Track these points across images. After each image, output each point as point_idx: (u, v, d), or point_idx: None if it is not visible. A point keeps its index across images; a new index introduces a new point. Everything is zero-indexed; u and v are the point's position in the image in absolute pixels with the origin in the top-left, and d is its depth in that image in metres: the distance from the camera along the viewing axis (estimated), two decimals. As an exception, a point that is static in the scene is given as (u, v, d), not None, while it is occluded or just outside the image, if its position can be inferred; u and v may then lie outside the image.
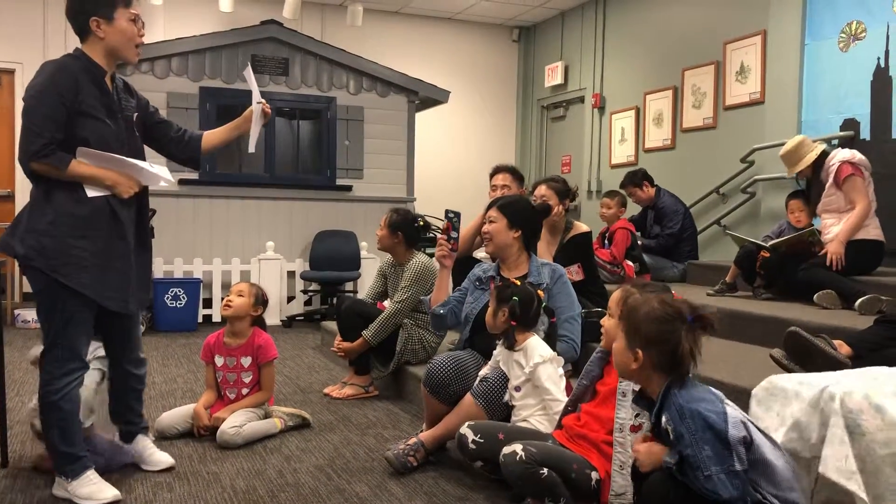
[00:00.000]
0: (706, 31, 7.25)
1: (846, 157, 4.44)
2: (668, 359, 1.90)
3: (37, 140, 2.51)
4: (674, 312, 1.92)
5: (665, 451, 1.91)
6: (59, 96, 2.54)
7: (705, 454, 1.78)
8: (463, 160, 9.83)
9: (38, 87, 2.55)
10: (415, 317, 4.28)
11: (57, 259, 2.58)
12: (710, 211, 7.07)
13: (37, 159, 2.53)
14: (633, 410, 2.29)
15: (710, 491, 1.78)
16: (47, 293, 2.62)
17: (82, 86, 2.61)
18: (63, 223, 2.59)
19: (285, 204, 7.46)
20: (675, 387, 1.89)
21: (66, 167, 2.57)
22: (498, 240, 3.32)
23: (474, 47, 10.09)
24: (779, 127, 6.16)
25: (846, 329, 3.40)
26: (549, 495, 2.36)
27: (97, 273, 2.64)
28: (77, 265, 2.59)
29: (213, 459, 3.19)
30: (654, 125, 7.98)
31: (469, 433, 2.63)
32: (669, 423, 1.84)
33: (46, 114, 2.53)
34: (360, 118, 7.72)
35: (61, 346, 2.63)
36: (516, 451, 2.39)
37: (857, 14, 5.58)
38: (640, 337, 1.93)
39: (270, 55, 7.37)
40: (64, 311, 2.62)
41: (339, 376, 4.69)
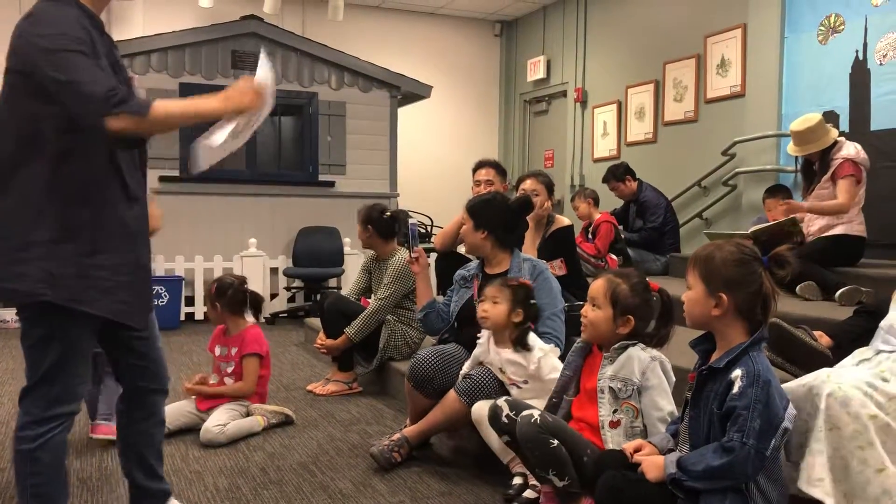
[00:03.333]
0: (687, 24, 7.27)
1: (851, 154, 4.39)
2: (752, 301, 1.89)
3: (99, 87, 1.86)
4: (751, 253, 1.91)
5: (663, 460, 1.91)
6: (84, 44, 1.92)
7: (754, 425, 1.78)
8: (446, 155, 9.82)
9: (57, 39, 1.90)
10: (398, 313, 4.28)
11: (76, 285, 1.97)
12: (692, 204, 7.10)
13: (114, 110, 1.85)
14: (612, 406, 2.29)
15: (727, 464, 1.77)
16: (46, 323, 2.01)
17: (94, 37, 1.99)
18: (70, 237, 1.97)
19: (267, 200, 7.42)
20: (756, 348, 1.88)
21: (149, 110, 1.90)
22: (468, 241, 3.33)
23: (456, 42, 10.08)
24: (759, 120, 6.19)
25: (827, 320, 3.42)
26: (555, 468, 2.29)
27: (124, 292, 2.06)
28: (94, 288, 2.00)
29: (196, 458, 3.16)
30: (635, 119, 8.00)
31: (505, 407, 2.55)
32: (743, 378, 1.81)
33: (91, 65, 1.89)
34: (342, 113, 7.69)
35: (53, 382, 2.02)
36: (533, 414, 2.35)
37: (835, 7, 5.62)
38: (721, 281, 1.90)
39: (251, 50, 7.31)
40: (65, 340, 2.02)
41: (322, 373, 4.67)
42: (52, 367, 2.01)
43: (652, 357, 2.31)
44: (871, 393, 2.07)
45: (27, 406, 2.04)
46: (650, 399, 2.27)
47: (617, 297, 2.35)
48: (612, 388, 2.30)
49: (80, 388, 2.10)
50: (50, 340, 2.00)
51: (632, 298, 2.35)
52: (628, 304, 2.34)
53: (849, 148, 4.43)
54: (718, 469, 1.79)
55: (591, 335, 2.43)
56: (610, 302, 2.35)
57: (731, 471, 1.79)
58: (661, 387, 2.28)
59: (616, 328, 2.36)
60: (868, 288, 4.03)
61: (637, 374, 2.28)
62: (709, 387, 1.92)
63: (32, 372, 2.03)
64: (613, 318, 2.35)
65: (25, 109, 1.95)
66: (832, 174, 4.43)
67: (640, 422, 2.28)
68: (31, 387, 2.04)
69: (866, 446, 1.98)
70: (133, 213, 2.08)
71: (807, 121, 4.53)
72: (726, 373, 1.87)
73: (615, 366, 2.32)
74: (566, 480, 2.30)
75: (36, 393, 2.03)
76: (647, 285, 2.41)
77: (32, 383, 2.03)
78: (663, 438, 2.10)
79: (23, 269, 1.94)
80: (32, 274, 1.93)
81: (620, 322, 2.35)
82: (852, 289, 4.02)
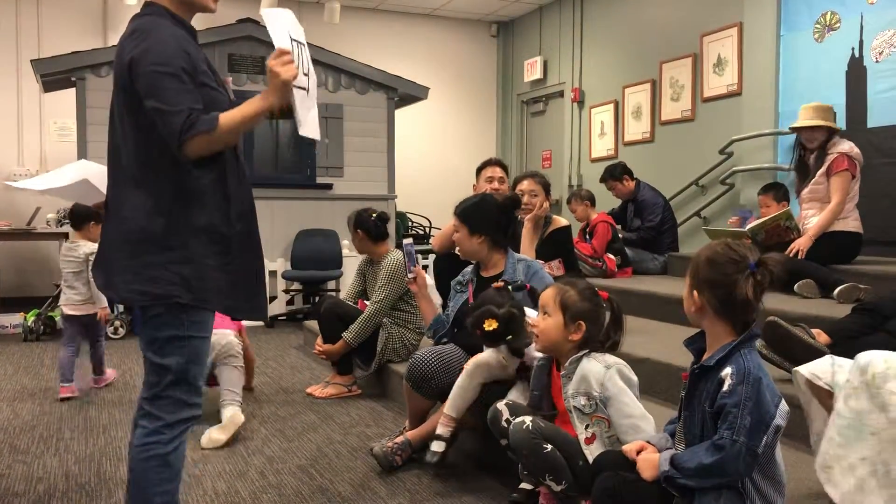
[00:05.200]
0: (683, 23, 7.28)
1: (845, 149, 4.43)
2: (726, 302, 1.89)
3: (177, 117, 1.91)
4: (735, 256, 1.90)
5: (658, 458, 1.91)
6: (179, 65, 1.97)
7: (744, 422, 1.78)
8: (444, 156, 9.82)
9: (153, 60, 1.95)
10: (394, 315, 4.27)
11: (201, 284, 2.03)
12: (690, 203, 7.11)
13: (187, 136, 1.91)
14: (583, 423, 2.29)
15: (719, 461, 1.78)
16: (176, 324, 2.04)
17: (189, 47, 2.04)
18: (197, 241, 2.03)
19: (265, 203, 7.39)
20: (747, 347, 1.88)
21: (216, 124, 1.95)
22: (464, 248, 3.29)
23: (453, 43, 10.08)
24: (756, 118, 6.20)
25: (825, 318, 3.43)
26: (551, 472, 2.28)
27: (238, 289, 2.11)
28: (215, 288, 2.06)
29: (195, 461, 3.16)
30: (632, 118, 8.00)
31: (505, 411, 2.54)
32: (733, 375, 1.82)
33: (175, 87, 1.94)
34: (339, 116, 7.69)
35: (183, 382, 2.06)
36: (525, 420, 2.34)
37: (831, 5, 5.63)
38: (699, 280, 1.92)
39: (248, 54, 7.31)
40: (193, 339, 2.07)
41: (321, 376, 4.66)
42: (181, 371, 2.05)
43: (606, 366, 2.30)
44: None
45: (156, 410, 2.05)
46: (616, 409, 2.25)
47: (566, 302, 2.36)
48: (576, 407, 2.30)
49: (202, 388, 2.15)
50: (181, 340, 2.04)
51: (581, 303, 2.36)
52: (578, 308, 2.35)
53: (843, 144, 4.47)
54: (710, 466, 1.80)
55: (543, 344, 2.42)
56: (560, 308, 2.36)
57: (723, 468, 1.79)
58: (623, 393, 2.26)
59: (568, 335, 2.36)
60: (866, 285, 4.03)
61: (596, 387, 2.27)
62: (701, 386, 1.92)
63: (157, 377, 2.05)
64: (565, 325, 2.35)
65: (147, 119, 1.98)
66: (827, 169, 4.44)
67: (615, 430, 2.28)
68: (158, 393, 2.05)
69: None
70: (236, 210, 2.11)
71: (818, 103, 4.65)
72: (717, 371, 1.87)
73: (573, 383, 2.32)
74: (563, 484, 2.29)
75: (165, 398, 2.05)
76: (595, 291, 2.43)
77: (160, 389, 2.05)
78: (661, 438, 2.10)
79: (156, 273, 1.99)
80: (166, 277, 1.99)
81: (572, 328, 2.35)
82: (850, 286, 4.02)
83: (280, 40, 2.07)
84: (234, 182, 2.10)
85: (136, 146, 2.02)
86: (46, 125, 8.17)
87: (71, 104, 6.89)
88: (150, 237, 2.00)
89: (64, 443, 3.45)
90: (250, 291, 2.15)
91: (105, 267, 2.10)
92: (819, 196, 4.52)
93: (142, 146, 2.00)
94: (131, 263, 2.02)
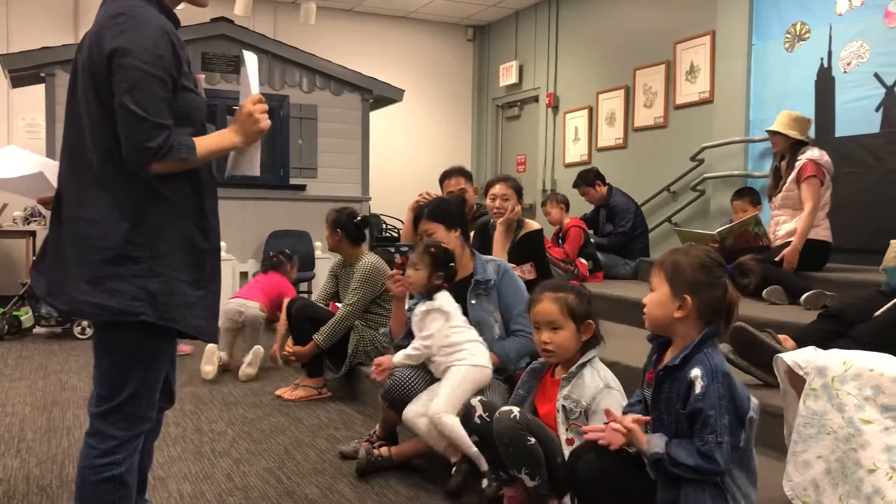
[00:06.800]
0: (657, 31, 7.34)
1: (814, 156, 4.50)
2: (714, 305, 1.90)
3: (157, 133, 1.78)
4: (718, 260, 1.93)
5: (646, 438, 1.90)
6: (166, 68, 1.82)
7: (725, 421, 1.79)
8: (418, 159, 9.81)
9: (141, 57, 1.78)
10: (366, 318, 4.25)
11: (169, 302, 1.88)
12: (662, 209, 7.16)
13: (163, 157, 1.80)
14: (564, 425, 2.31)
15: (705, 463, 1.78)
16: (137, 340, 1.90)
17: (177, 44, 1.88)
18: (164, 252, 1.88)
19: (237, 203, 7.34)
20: (709, 345, 1.89)
21: (195, 151, 1.86)
22: (448, 247, 3.24)
23: (429, 46, 10.08)
24: (727, 126, 6.27)
25: (792, 324, 3.47)
26: (529, 466, 2.29)
27: (203, 307, 1.98)
28: (184, 304, 1.91)
29: (161, 463, 3.11)
30: (606, 124, 8.05)
31: (479, 407, 2.54)
32: (703, 377, 1.82)
33: (161, 96, 1.81)
34: (313, 117, 7.65)
35: (139, 399, 1.93)
36: (513, 410, 2.35)
37: (801, 15, 5.71)
38: (687, 283, 1.90)
39: (221, 53, 7.26)
40: (154, 355, 1.94)
41: (291, 378, 4.63)
42: (139, 385, 1.91)
43: (606, 385, 2.33)
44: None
45: (108, 428, 1.91)
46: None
47: (574, 309, 2.38)
48: (564, 407, 2.32)
49: (157, 402, 2.02)
50: (137, 357, 1.91)
51: (582, 304, 2.40)
52: (583, 310, 2.39)
53: (813, 151, 4.55)
54: (696, 468, 1.80)
55: (560, 358, 2.42)
56: (569, 317, 2.37)
57: (710, 470, 1.80)
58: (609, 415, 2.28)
59: (580, 337, 2.39)
60: (832, 292, 4.09)
61: (587, 399, 2.29)
62: (667, 386, 1.92)
63: (113, 391, 1.90)
64: (577, 330, 2.38)
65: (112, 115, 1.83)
66: (797, 175, 4.51)
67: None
68: (113, 407, 1.90)
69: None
70: (211, 225, 2.01)
71: (795, 112, 4.75)
72: (682, 371, 1.88)
73: (571, 387, 2.35)
74: (537, 480, 2.30)
75: (120, 413, 1.91)
76: (580, 287, 2.48)
77: (115, 403, 1.90)
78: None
79: (116, 285, 1.82)
80: (129, 291, 1.82)
81: (583, 329, 2.38)
82: (817, 293, 4.07)
83: (255, 86, 2.04)
84: (210, 193, 2.02)
85: (103, 141, 1.84)
86: (15, 121, 8.04)
87: (40, 100, 6.79)
88: (113, 244, 1.82)
89: (26, 444, 3.39)
90: (213, 312, 2.02)
91: (50, 271, 1.91)
92: (790, 203, 4.58)
93: (111, 141, 1.83)
94: (86, 272, 1.83)
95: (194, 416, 3.88)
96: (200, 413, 3.93)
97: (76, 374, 4.75)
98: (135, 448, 1.96)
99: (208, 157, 1.94)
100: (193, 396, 4.27)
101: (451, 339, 2.90)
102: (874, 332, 2.94)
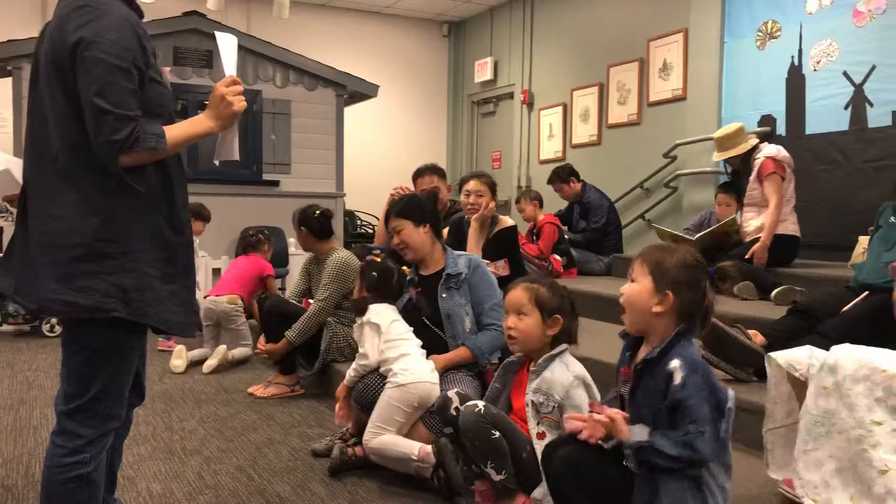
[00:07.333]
0: (630, 28, 7.38)
1: (771, 153, 4.56)
2: (692, 306, 1.92)
3: (123, 126, 1.74)
4: (701, 262, 1.95)
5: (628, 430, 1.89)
6: (134, 58, 1.80)
7: (705, 411, 1.79)
8: (393, 155, 9.78)
9: (106, 49, 1.75)
10: (338, 315, 4.22)
11: (141, 298, 1.85)
12: (635, 205, 7.21)
13: (129, 149, 1.76)
14: (535, 419, 2.31)
15: (687, 452, 1.78)
16: (108, 336, 1.88)
17: (143, 36, 1.86)
18: (136, 247, 1.85)
19: (209, 199, 7.22)
20: (685, 339, 1.89)
21: (165, 140, 1.82)
22: (413, 243, 3.23)
23: (404, 42, 10.05)
24: (700, 123, 6.32)
25: (762, 319, 3.50)
26: (494, 460, 2.30)
27: (176, 301, 1.95)
28: (156, 299, 1.89)
29: (130, 462, 3.07)
30: (580, 121, 8.08)
31: (455, 399, 2.53)
32: (682, 368, 1.82)
33: (127, 87, 1.77)
34: (287, 112, 7.60)
35: (107, 397, 1.89)
36: (478, 404, 2.37)
37: (772, 14, 5.76)
38: (670, 280, 1.92)
39: (193, 47, 7.18)
40: (125, 351, 1.92)
41: (264, 375, 4.59)
42: (108, 382, 1.89)
43: (575, 376, 2.32)
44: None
45: (76, 427, 1.88)
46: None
47: (541, 300, 2.39)
48: (533, 402, 2.32)
49: (126, 399, 1.97)
50: (108, 353, 1.88)
51: (554, 298, 2.41)
52: (553, 304, 2.39)
53: (769, 149, 4.61)
54: (680, 458, 1.79)
55: (523, 345, 2.43)
56: (536, 306, 2.39)
57: (693, 460, 1.80)
58: (582, 407, 2.27)
59: (546, 330, 2.39)
60: (802, 287, 4.13)
61: (559, 393, 2.29)
62: (646, 380, 1.93)
63: (82, 388, 1.87)
64: (543, 321, 2.38)
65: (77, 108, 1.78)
66: (757, 175, 4.57)
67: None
68: (81, 405, 1.87)
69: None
70: (182, 219, 1.98)
71: (726, 128, 4.84)
72: (660, 364, 1.88)
73: (539, 379, 2.34)
74: (503, 475, 2.31)
75: (88, 411, 1.88)
76: (558, 284, 2.49)
77: (84, 401, 1.87)
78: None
79: (88, 283, 1.79)
80: (100, 288, 1.79)
81: (550, 323, 2.38)
82: (787, 288, 4.12)
83: (230, 67, 2.00)
84: (179, 186, 1.98)
85: (70, 134, 1.80)
86: (-19, 116, 7.89)
87: (6, 94, 6.67)
88: (83, 241, 1.79)
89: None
90: (187, 307, 1.99)
91: (18, 270, 1.87)
92: (755, 201, 4.63)
93: (77, 134, 1.79)
94: (56, 270, 1.79)
95: (165, 414, 3.83)
96: (171, 411, 3.89)
97: (44, 372, 4.68)
98: (102, 447, 1.93)
99: (182, 145, 1.90)
100: (164, 394, 4.22)
101: (385, 356, 2.98)
102: (842, 328, 2.98)
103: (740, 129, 4.79)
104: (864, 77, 5.10)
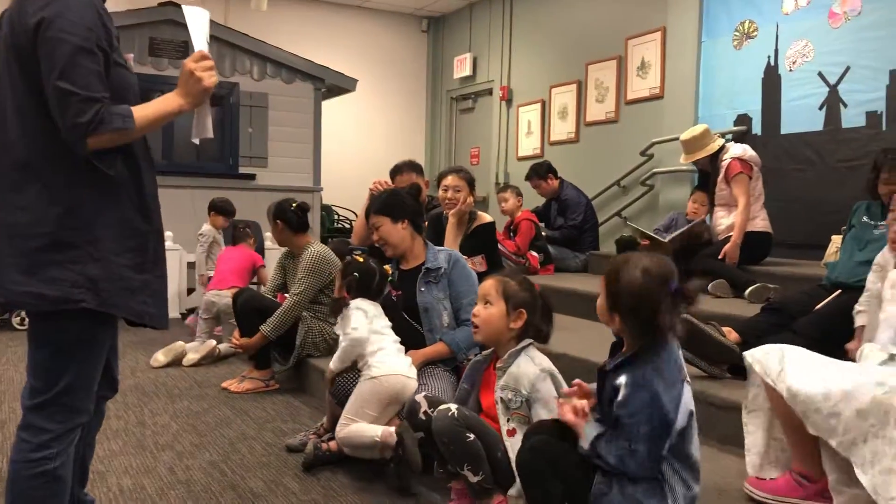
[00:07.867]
0: (609, 26, 7.40)
1: (737, 153, 4.60)
2: (644, 327, 1.87)
3: (88, 107, 1.69)
4: (657, 279, 1.85)
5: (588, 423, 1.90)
6: (98, 38, 1.75)
7: (640, 431, 1.78)
8: (371, 150, 9.74)
9: (68, 29, 1.70)
10: (314, 309, 4.20)
11: (110, 288, 1.82)
12: (612, 203, 7.23)
13: (94, 131, 1.71)
14: (505, 416, 2.31)
15: (620, 464, 1.79)
16: (75, 328, 1.84)
17: (106, 17, 1.82)
18: (103, 236, 1.82)
19: (185, 192, 7.20)
20: (645, 353, 1.86)
21: (134, 121, 1.77)
22: (392, 240, 3.22)
23: (383, 36, 10.01)
24: (677, 121, 6.34)
25: (737, 316, 3.53)
26: (470, 462, 2.30)
27: (148, 292, 1.92)
28: (127, 289, 1.85)
29: (100, 457, 3.02)
30: (558, 118, 8.10)
31: (423, 403, 2.54)
32: (627, 385, 1.83)
33: (91, 68, 1.72)
34: (264, 105, 7.54)
35: (76, 390, 1.85)
36: (451, 408, 2.35)
37: (749, 14, 5.80)
38: (619, 302, 1.88)
39: (169, 38, 7.10)
40: (93, 343, 1.88)
41: (238, 370, 4.56)
42: (76, 376, 1.84)
43: (542, 369, 2.32)
44: None
45: (42, 422, 1.83)
46: (541, 413, 2.27)
47: (508, 291, 2.40)
48: (502, 399, 2.32)
49: (94, 392, 1.93)
50: (76, 347, 1.83)
51: (522, 292, 2.41)
52: (519, 297, 2.39)
53: (735, 149, 4.66)
54: (617, 468, 1.82)
55: (485, 333, 2.43)
56: (502, 297, 2.39)
57: (626, 471, 1.81)
58: (550, 400, 2.27)
59: (510, 323, 2.39)
60: (775, 285, 4.17)
61: (526, 387, 2.29)
62: (606, 385, 1.94)
63: (49, 383, 1.82)
64: (507, 313, 2.38)
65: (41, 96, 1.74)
66: (724, 175, 4.61)
67: None
68: (48, 399, 1.83)
69: None
70: (151, 207, 1.94)
71: (692, 131, 4.87)
72: (615, 376, 1.89)
73: (506, 376, 2.34)
74: (480, 475, 2.30)
75: (55, 405, 1.83)
76: (532, 283, 2.49)
77: (51, 395, 1.83)
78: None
79: (55, 273, 1.75)
80: (68, 278, 1.75)
81: (514, 316, 2.38)
82: (760, 286, 4.15)
83: (199, 42, 1.95)
84: (148, 172, 1.93)
85: (31, 121, 1.76)
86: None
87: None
88: (47, 231, 1.75)
89: (-42, 438, 3.27)
90: (161, 297, 1.96)
91: None
92: (724, 200, 4.68)
93: (39, 121, 1.75)
94: (20, 261, 1.75)
95: (137, 408, 3.79)
96: (144, 405, 3.84)
97: (13, 365, 4.60)
98: (70, 441, 1.88)
99: (152, 126, 1.85)
100: (137, 388, 4.18)
101: (367, 349, 2.94)
102: (815, 326, 3.02)
103: (706, 130, 4.84)
104: (839, 78, 5.15)
